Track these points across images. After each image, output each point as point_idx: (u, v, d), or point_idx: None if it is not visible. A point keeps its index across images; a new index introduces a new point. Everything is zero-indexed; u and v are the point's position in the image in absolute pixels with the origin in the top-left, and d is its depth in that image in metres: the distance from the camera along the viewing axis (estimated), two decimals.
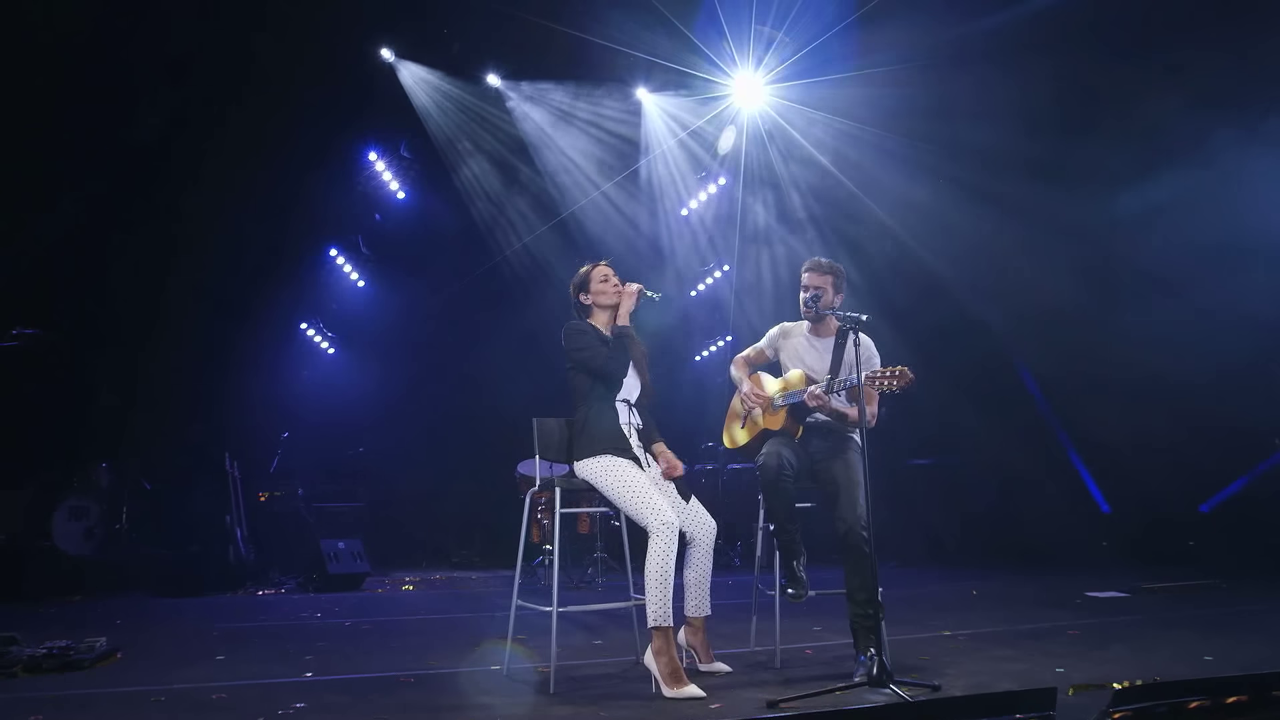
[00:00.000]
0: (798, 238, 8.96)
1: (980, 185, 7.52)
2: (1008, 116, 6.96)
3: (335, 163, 8.95)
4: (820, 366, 3.89)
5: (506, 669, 3.70)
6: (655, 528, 3.35)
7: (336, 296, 10.19)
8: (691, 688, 3.22)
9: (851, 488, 3.63)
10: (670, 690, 3.23)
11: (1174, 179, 7.00)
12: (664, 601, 3.31)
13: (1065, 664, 3.56)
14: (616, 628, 5.01)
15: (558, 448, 3.83)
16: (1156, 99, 6.70)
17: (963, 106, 6.88)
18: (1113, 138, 7.12)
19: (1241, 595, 5.69)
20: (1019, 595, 6.26)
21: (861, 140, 7.70)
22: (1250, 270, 6.96)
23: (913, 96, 7.06)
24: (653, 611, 3.32)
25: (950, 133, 7.20)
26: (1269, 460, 8.12)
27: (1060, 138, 7.12)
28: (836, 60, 7.26)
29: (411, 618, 5.74)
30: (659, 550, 3.34)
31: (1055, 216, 7.52)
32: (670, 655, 3.30)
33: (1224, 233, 6.91)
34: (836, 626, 4.72)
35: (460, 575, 8.68)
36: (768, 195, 9.02)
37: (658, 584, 3.32)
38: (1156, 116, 6.84)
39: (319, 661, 4.04)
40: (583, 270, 3.87)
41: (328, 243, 9.80)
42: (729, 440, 4.17)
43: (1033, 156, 7.19)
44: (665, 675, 3.27)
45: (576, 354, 3.68)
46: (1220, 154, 6.73)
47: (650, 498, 3.42)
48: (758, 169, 8.80)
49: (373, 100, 8.30)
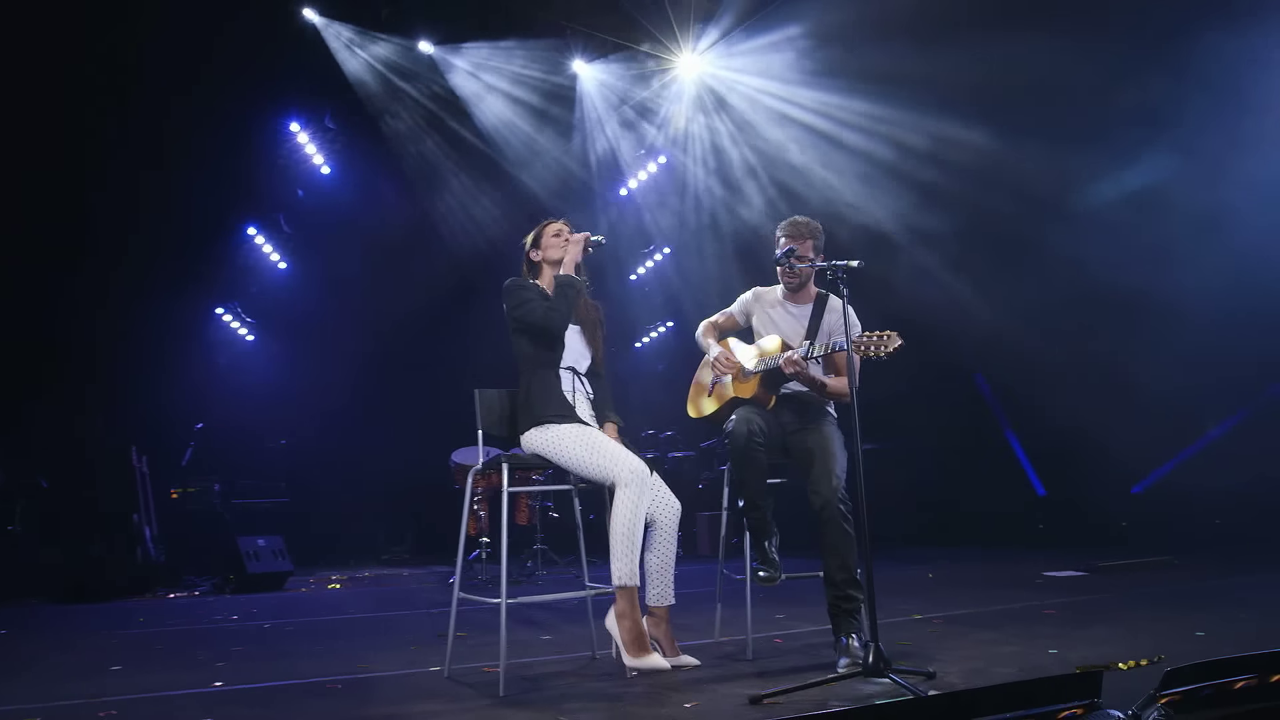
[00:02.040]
0: (745, 212, 8.66)
1: (928, 166, 7.35)
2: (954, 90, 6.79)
3: (253, 134, 8.33)
4: (796, 335, 3.57)
5: (448, 670, 3.29)
6: (623, 478, 3.03)
7: (256, 279, 9.53)
8: (655, 657, 2.95)
9: (828, 458, 3.32)
10: (632, 658, 2.95)
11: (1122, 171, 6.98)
12: (631, 559, 3.00)
13: (1055, 645, 3.32)
14: (566, 622, 4.63)
15: (501, 421, 3.44)
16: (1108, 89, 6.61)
17: (911, 75, 6.67)
18: (1066, 122, 6.99)
19: (1199, 572, 5.61)
20: (975, 577, 6.10)
21: (809, 114, 7.46)
22: (1188, 267, 6.96)
23: (857, 65, 6.85)
24: (618, 569, 3.00)
25: (900, 101, 6.99)
26: (1198, 443, 8.22)
27: (1011, 119, 6.96)
28: (783, 26, 7.00)
29: (339, 618, 5.27)
30: (628, 502, 3.01)
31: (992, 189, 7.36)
32: (635, 619, 3.00)
33: (1165, 228, 6.91)
34: (802, 614, 4.45)
35: (390, 572, 8.19)
36: (712, 172, 8.71)
37: (624, 539, 2.99)
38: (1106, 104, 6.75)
39: (232, 669, 3.56)
40: (536, 227, 3.52)
41: (246, 220, 9.14)
42: (694, 410, 3.82)
43: (983, 142, 7.03)
44: (628, 641, 2.98)
45: (515, 310, 3.30)
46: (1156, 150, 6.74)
47: (611, 449, 3.10)
48: (701, 145, 8.48)
49: (295, 65, 7.71)
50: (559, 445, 3.16)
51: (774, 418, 3.50)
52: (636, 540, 3.02)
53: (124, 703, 2.98)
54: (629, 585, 3.01)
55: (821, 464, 3.31)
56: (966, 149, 7.02)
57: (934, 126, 7.01)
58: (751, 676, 3.04)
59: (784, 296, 3.67)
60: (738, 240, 8.94)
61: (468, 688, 3.06)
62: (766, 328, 3.67)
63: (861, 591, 3.24)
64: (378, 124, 8.11)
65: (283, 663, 3.69)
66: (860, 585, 3.25)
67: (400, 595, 6.41)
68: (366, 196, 8.80)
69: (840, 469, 3.31)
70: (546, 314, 3.26)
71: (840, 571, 3.24)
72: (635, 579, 3.02)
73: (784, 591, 5.27)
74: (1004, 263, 7.61)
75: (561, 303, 3.30)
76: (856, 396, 3.10)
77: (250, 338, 9.90)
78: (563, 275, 3.36)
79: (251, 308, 9.71)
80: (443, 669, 3.31)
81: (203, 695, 3.10)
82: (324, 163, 8.77)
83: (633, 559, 3.01)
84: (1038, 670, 2.88)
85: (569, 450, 3.14)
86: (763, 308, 3.71)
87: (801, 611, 4.52)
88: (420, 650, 3.88)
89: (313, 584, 7.38)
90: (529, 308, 3.28)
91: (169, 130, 7.29)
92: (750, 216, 8.61)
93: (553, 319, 3.27)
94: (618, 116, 8.50)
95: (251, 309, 9.71)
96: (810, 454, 3.36)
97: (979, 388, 9.49)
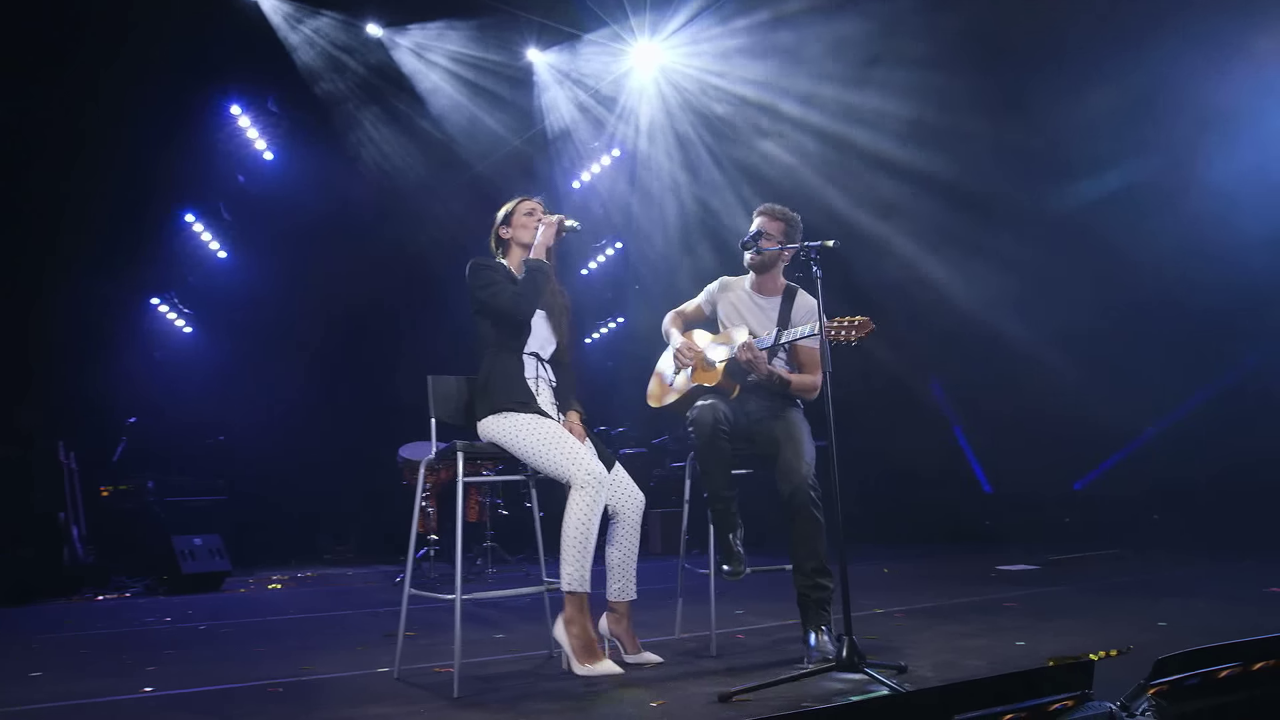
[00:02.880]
0: (702, 206, 8.56)
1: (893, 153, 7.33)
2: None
3: (192, 117, 7.96)
4: (763, 327, 3.46)
5: (398, 671, 3.12)
6: (579, 479, 2.89)
7: (194, 268, 9.12)
8: (606, 663, 2.81)
9: (796, 444, 3.23)
10: (582, 667, 2.80)
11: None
12: (582, 564, 2.86)
13: (1022, 637, 3.28)
14: (520, 620, 4.48)
15: (456, 409, 3.27)
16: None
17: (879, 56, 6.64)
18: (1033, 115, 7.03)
19: (1149, 565, 5.67)
20: (931, 572, 6.09)
21: (766, 97, 7.37)
22: (1136, 269, 7.08)
23: (818, 53, 6.80)
24: (567, 574, 2.86)
25: (862, 87, 6.96)
26: (1137, 441, 8.41)
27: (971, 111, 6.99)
28: (748, 13, 6.92)
29: (280, 618, 5.03)
30: (582, 506, 2.86)
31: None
32: (584, 626, 2.87)
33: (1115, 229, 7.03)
34: (763, 609, 4.37)
35: (334, 572, 7.92)
36: (672, 163, 8.60)
37: (576, 543, 2.85)
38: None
39: (163, 673, 3.34)
40: (509, 204, 3.34)
41: (184, 208, 8.75)
42: (655, 400, 3.70)
43: (941, 128, 7.05)
44: (577, 649, 2.84)
45: (480, 292, 3.13)
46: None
47: (571, 447, 2.95)
48: (660, 136, 8.37)
49: (236, 45, 7.38)
50: (516, 435, 3.00)
51: (739, 406, 3.40)
52: (589, 545, 2.88)
53: (43, 712, 2.76)
54: (578, 591, 2.88)
55: (790, 450, 3.22)
56: (931, 143, 7.03)
57: (896, 118, 6.99)
58: (719, 673, 2.94)
59: (752, 287, 3.56)
60: (693, 236, 8.84)
61: (419, 689, 2.90)
62: (731, 318, 3.56)
63: (832, 581, 3.17)
64: (324, 108, 7.81)
65: (220, 666, 3.48)
66: (830, 574, 3.17)
67: (345, 595, 6.17)
68: (312, 183, 8.46)
69: (810, 455, 3.23)
70: (514, 299, 3.10)
71: (810, 559, 3.16)
72: (585, 584, 2.89)
73: (742, 588, 5.15)
74: (964, 257, 7.64)
75: (530, 288, 3.13)
76: (829, 380, 3.00)
77: (188, 329, 9.48)
78: (533, 259, 3.19)
79: (189, 298, 9.27)
80: (392, 670, 3.14)
81: (130, 703, 2.89)
82: (266, 148, 8.43)
83: (584, 564, 2.88)
84: (1008, 663, 2.82)
85: (526, 442, 2.98)
86: (729, 298, 3.60)
87: (762, 607, 4.44)
88: (367, 651, 3.70)
89: (252, 584, 7.08)
90: (495, 290, 3.11)
91: (99, 111, 6.91)
92: (708, 210, 8.52)
93: (520, 304, 3.11)
94: (574, 105, 8.34)
95: (189, 299, 9.28)
96: (777, 441, 3.27)
97: (934, 393, 9.53)
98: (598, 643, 2.92)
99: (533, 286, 3.13)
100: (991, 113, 6.85)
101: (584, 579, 2.88)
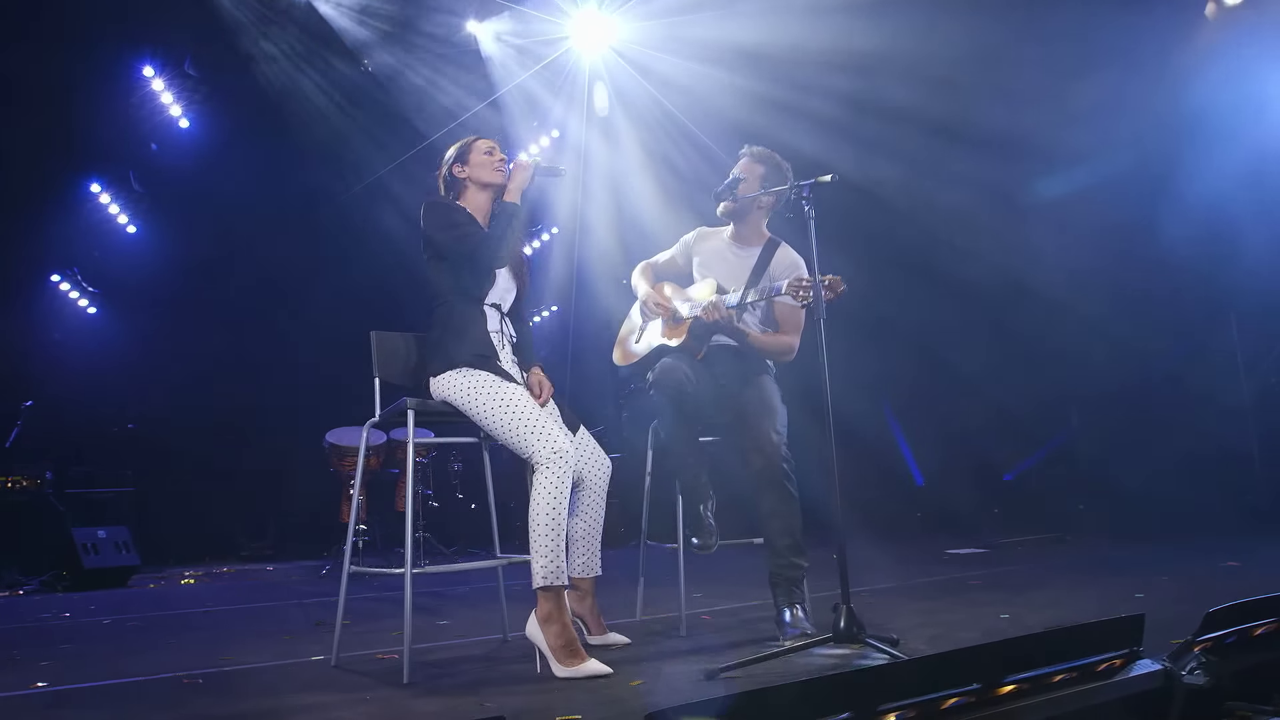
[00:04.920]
0: (640, 193, 8.31)
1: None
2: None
3: (98, 78, 7.34)
4: (736, 280, 3.22)
5: (335, 659, 2.80)
6: (544, 458, 2.56)
7: (99, 243, 8.46)
8: (592, 663, 2.45)
9: (767, 412, 3.02)
10: (564, 668, 2.44)
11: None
12: (555, 553, 2.52)
13: (1004, 610, 3.15)
14: (466, 608, 4.17)
15: (404, 369, 2.96)
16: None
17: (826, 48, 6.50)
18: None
19: (1093, 547, 5.69)
20: (881, 558, 5.98)
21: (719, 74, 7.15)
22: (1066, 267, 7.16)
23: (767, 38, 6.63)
24: (540, 567, 2.52)
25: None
26: (1061, 435, 8.56)
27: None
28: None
29: (195, 611, 4.59)
30: (550, 487, 2.55)
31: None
32: (564, 623, 2.51)
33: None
34: (720, 591, 4.16)
35: (253, 568, 7.42)
36: (611, 146, 8.33)
37: (548, 531, 2.53)
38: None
39: (59, 668, 2.93)
40: (461, 141, 3.00)
41: (89, 177, 8.10)
42: (620, 355, 3.45)
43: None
44: (557, 649, 2.47)
45: (440, 234, 2.79)
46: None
47: (536, 420, 2.62)
48: (605, 115, 8.09)
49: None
50: (475, 396, 2.68)
51: (705, 369, 3.17)
52: (561, 531, 2.56)
53: None
54: (554, 585, 2.53)
55: (760, 420, 3.00)
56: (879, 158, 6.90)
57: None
58: (695, 652, 2.71)
59: (731, 237, 3.34)
60: (634, 223, 8.58)
61: (363, 676, 2.59)
62: (704, 269, 3.33)
63: (807, 560, 2.98)
64: (248, 70, 7.29)
65: (126, 660, 3.09)
66: (805, 553, 2.99)
67: (266, 589, 5.73)
68: (233, 153, 7.92)
69: (782, 424, 3.02)
70: (486, 240, 2.78)
71: (784, 537, 2.96)
72: (562, 577, 2.54)
73: (696, 569, 4.97)
74: (908, 252, 7.59)
75: (505, 228, 2.81)
76: (793, 356, 2.79)
77: (92, 310, 8.81)
78: (507, 201, 2.88)
79: (94, 275, 8.62)
80: (329, 658, 2.81)
81: (18, 699, 2.50)
82: (183, 114, 7.85)
83: (558, 553, 2.54)
84: (999, 634, 2.68)
85: (486, 406, 2.66)
86: (705, 248, 3.37)
87: (719, 589, 4.23)
88: (296, 640, 3.35)
89: (162, 581, 6.56)
90: (462, 232, 2.79)
91: None
92: (647, 198, 8.27)
93: (494, 246, 2.78)
94: (514, 81, 8.01)
95: (94, 277, 8.63)
96: (745, 411, 3.05)
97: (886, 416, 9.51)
98: (578, 638, 2.58)
99: (509, 227, 2.82)
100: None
101: (560, 570, 2.54)
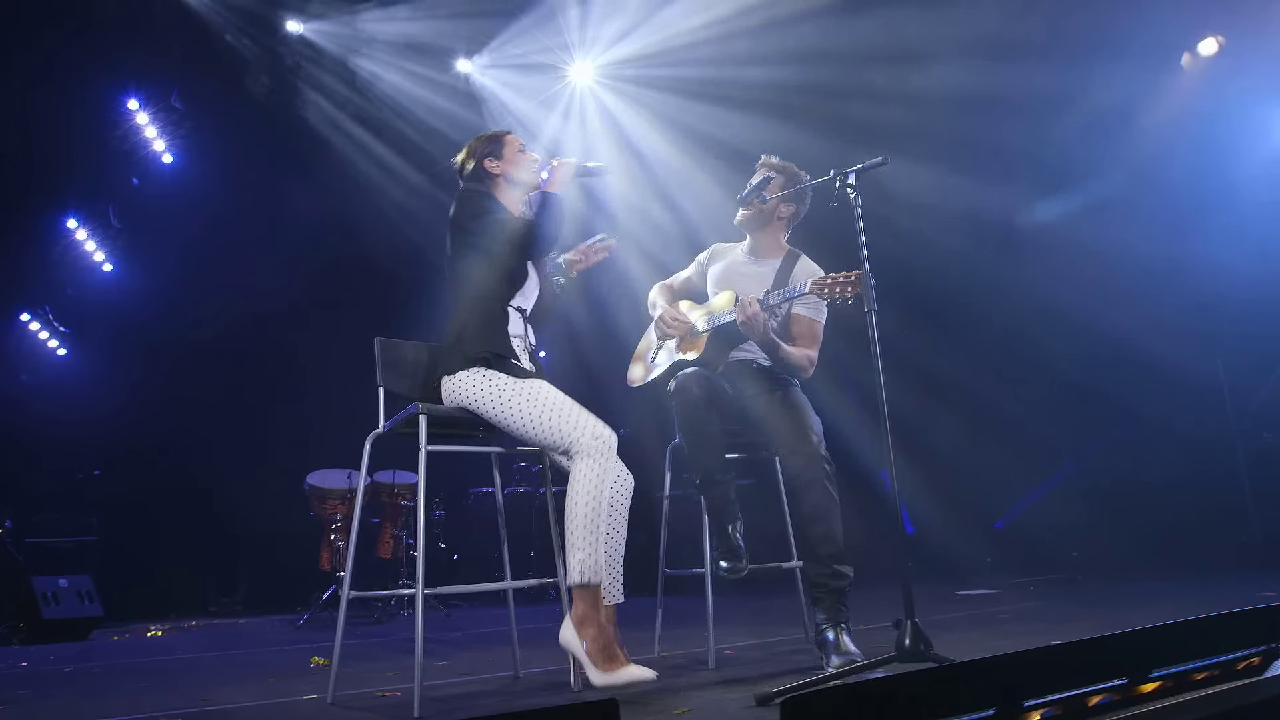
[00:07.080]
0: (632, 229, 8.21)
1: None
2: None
3: (80, 110, 7.16)
4: (754, 291, 3.07)
5: (332, 696, 2.52)
6: (586, 444, 2.39)
7: (73, 280, 8.17)
8: (632, 669, 2.23)
9: (802, 414, 2.85)
10: (602, 675, 2.21)
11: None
12: (594, 548, 2.33)
13: (1054, 636, 2.94)
14: (455, 649, 3.88)
15: (412, 380, 2.75)
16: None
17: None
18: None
19: (1105, 584, 5.51)
20: (892, 597, 5.76)
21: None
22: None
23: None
24: (577, 561, 2.32)
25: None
26: (1053, 479, 8.46)
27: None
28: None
29: (167, 658, 4.25)
30: (591, 476, 2.36)
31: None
32: (600, 624, 2.30)
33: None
34: (739, 630, 3.90)
35: (223, 623, 7.00)
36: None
37: (585, 523, 2.33)
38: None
39: (17, 713, 2.63)
40: (489, 134, 2.83)
41: (65, 212, 7.85)
42: (635, 374, 3.27)
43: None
44: (594, 653, 2.25)
45: (474, 221, 2.60)
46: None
47: (571, 407, 2.44)
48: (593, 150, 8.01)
49: (136, 29, 6.70)
50: (498, 395, 2.48)
51: (728, 382, 3.00)
52: (600, 524, 2.38)
53: None
54: (591, 582, 2.33)
55: (796, 420, 2.83)
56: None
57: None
58: (733, 682, 2.47)
59: (747, 250, 3.20)
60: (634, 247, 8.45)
61: (369, 713, 2.32)
62: (721, 284, 3.18)
63: (850, 569, 2.77)
64: (236, 104, 7.15)
65: (93, 703, 2.79)
66: (848, 561, 2.78)
67: (241, 636, 5.38)
68: (218, 188, 7.73)
69: (818, 428, 2.85)
70: (531, 226, 2.61)
71: (826, 544, 2.74)
72: (599, 574, 2.35)
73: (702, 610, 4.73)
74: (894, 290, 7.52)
75: (556, 215, 2.63)
76: (810, 372, 2.68)
77: (62, 351, 8.47)
78: (550, 193, 2.69)
79: (66, 314, 8.30)
80: (325, 695, 2.54)
81: None
82: (166, 149, 7.67)
83: (596, 548, 2.35)
84: None
85: (510, 404, 2.46)
86: (721, 264, 3.23)
87: (742, 629, 3.97)
88: (283, 680, 3.05)
89: (127, 635, 6.15)
90: (503, 217, 2.62)
91: None
92: (644, 227, 8.17)
93: (544, 231, 2.60)
94: (507, 111, 7.92)
95: (65, 316, 8.31)
96: (776, 415, 2.87)
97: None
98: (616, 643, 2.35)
99: (558, 215, 2.63)
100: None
101: (597, 566, 2.34)
